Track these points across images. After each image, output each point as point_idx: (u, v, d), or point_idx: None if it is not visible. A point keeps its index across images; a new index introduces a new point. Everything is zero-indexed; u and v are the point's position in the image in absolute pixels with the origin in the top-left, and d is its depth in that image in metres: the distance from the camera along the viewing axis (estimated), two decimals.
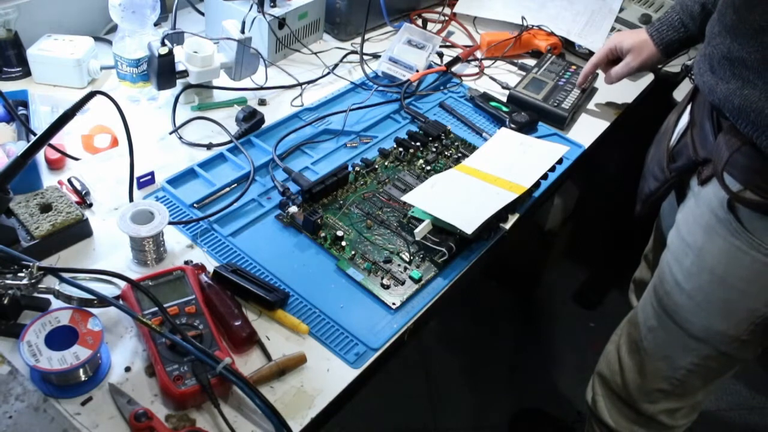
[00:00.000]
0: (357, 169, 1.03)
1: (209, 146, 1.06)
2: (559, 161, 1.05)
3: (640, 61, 1.18)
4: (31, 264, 0.74)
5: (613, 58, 1.23)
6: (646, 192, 1.09)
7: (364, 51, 1.32)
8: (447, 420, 1.67)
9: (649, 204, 1.09)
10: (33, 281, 0.73)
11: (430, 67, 1.29)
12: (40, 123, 0.97)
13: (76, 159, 0.99)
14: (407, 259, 0.91)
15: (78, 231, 0.87)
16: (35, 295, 0.75)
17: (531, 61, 1.38)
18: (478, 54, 1.40)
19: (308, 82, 1.24)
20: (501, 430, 1.66)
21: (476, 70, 1.35)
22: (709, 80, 0.88)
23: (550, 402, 1.67)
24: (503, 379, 1.77)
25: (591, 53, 1.40)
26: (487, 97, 1.23)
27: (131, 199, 0.93)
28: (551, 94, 1.24)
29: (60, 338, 0.70)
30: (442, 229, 0.93)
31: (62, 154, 0.97)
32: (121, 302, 0.74)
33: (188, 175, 1.01)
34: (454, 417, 1.67)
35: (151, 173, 0.98)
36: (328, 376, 0.76)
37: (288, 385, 0.74)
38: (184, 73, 1.11)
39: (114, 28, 1.23)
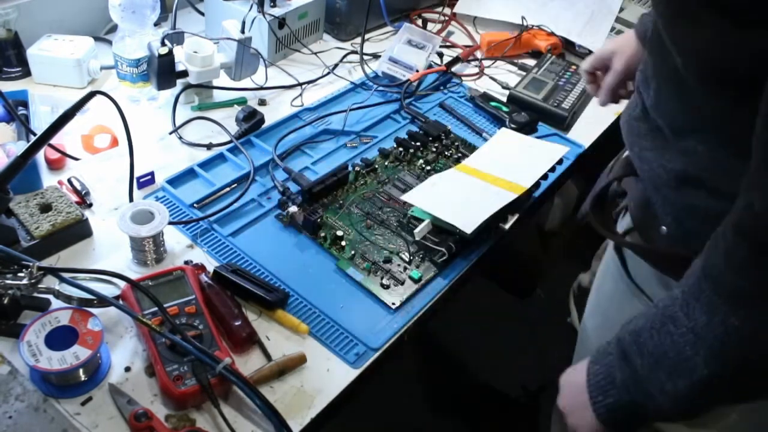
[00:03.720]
0: (357, 169, 1.03)
1: (209, 146, 1.06)
2: (559, 161, 1.05)
3: (625, 60, 0.99)
4: (31, 264, 0.74)
5: (603, 72, 1.05)
6: (593, 191, 0.98)
7: (364, 51, 1.32)
8: (447, 420, 1.67)
9: (593, 203, 0.94)
10: (33, 281, 0.73)
11: (430, 67, 1.29)
12: (40, 123, 0.97)
13: (76, 159, 0.99)
14: (407, 259, 0.90)
15: (78, 231, 0.87)
16: (35, 295, 0.75)
17: (531, 61, 1.38)
18: (478, 54, 1.40)
19: (308, 82, 1.24)
20: (500, 428, 1.66)
21: (476, 70, 1.35)
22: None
23: (550, 401, 1.67)
24: (503, 379, 1.77)
25: (591, 53, 1.40)
26: (487, 97, 1.23)
27: (131, 199, 0.93)
28: (551, 94, 1.24)
29: (60, 338, 0.70)
30: (442, 229, 0.93)
31: (62, 154, 0.97)
32: (121, 302, 0.74)
33: (188, 175, 1.01)
34: (453, 417, 1.67)
35: (151, 173, 0.98)
36: (328, 376, 0.76)
37: (288, 385, 0.74)
38: (184, 73, 1.11)
39: (114, 28, 1.23)
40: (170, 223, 0.87)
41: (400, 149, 1.09)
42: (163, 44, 1.05)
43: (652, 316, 0.62)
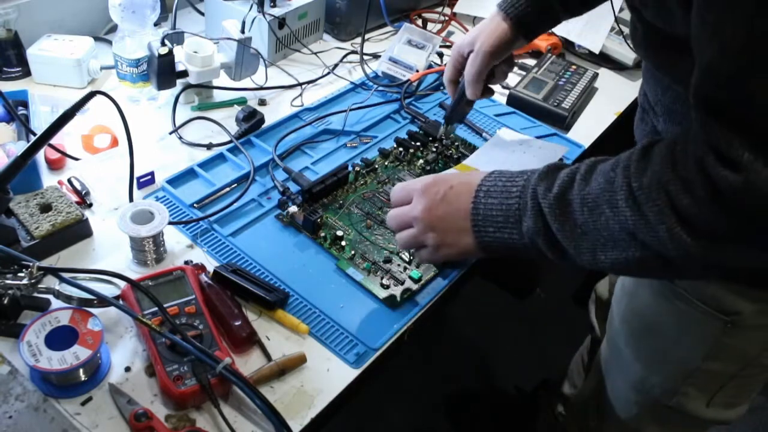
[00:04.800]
0: (357, 169, 1.03)
1: (209, 146, 1.06)
2: (559, 161, 1.05)
3: (491, 41, 0.92)
4: (31, 264, 0.74)
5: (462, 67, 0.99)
6: None
7: (364, 51, 1.32)
8: (447, 420, 1.67)
9: None
10: (33, 281, 0.73)
11: (430, 67, 1.29)
12: (40, 123, 0.97)
13: (76, 159, 0.99)
14: (407, 259, 0.90)
15: (78, 231, 0.87)
16: (35, 295, 0.75)
17: (531, 61, 1.38)
18: None
19: (308, 82, 1.24)
20: (500, 428, 1.66)
21: None
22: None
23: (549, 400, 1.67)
24: (502, 379, 1.77)
25: (591, 53, 1.41)
26: None
27: (131, 199, 0.93)
28: (551, 94, 1.24)
29: (60, 338, 0.70)
30: None
31: (62, 154, 0.97)
32: (121, 302, 0.74)
33: (188, 175, 1.01)
34: (453, 417, 1.67)
35: (151, 173, 0.97)
36: (328, 376, 0.76)
37: (288, 385, 0.74)
38: (184, 73, 1.11)
39: (114, 28, 1.23)
40: (170, 223, 0.87)
41: (400, 149, 1.09)
42: (163, 44, 1.05)
43: (585, 190, 0.63)
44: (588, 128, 1.23)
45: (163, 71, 1.06)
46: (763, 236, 0.55)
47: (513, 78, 1.33)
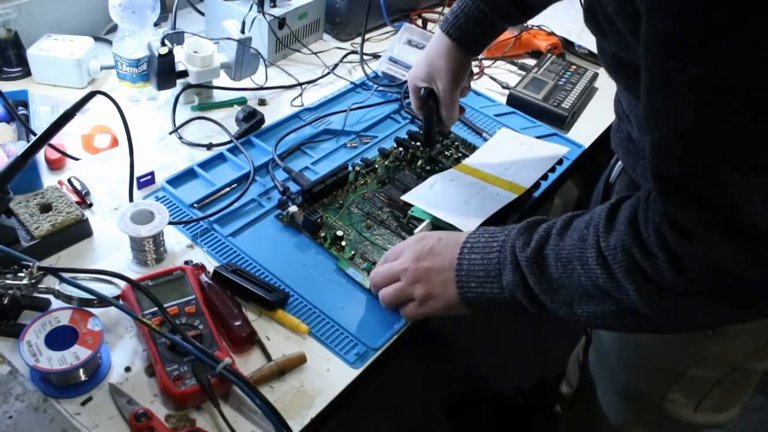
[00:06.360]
0: (357, 168, 1.03)
1: (209, 146, 1.06)
2: (559, 161, 1.05)
3: (449, 79, 0.95)
4: (31, 264, 0.74)
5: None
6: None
7: (364, 51, 1.32)
8: (447, 420, 1.67)
9: None
10: (33, 281, 0.73)
11: None
12: (40, 123, 0.97)
13: (76, 159, 0.99)
14: None
15: (78, 231, 0.87)
16: (35, 295, 0.75)
17: (531, 61, 1.39)
18: None
19: (308, 82, 1.24)
20: (499, 427, 1.66)
21: (476, 69, 1.35)
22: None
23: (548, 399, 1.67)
24: (502, 379, 1.77)
25: (591, 53, 1.41)
26: None
27: (131, 199, 0.93)
28: (551, 94, 1.24)
29: (60, 338, 0.70)
30: (442, 230, 0.92)
31: (62, 154, 0.97)
32: (121, 302, 0.74)
33: (188, 175, 1.01)
34: (453, 417, 1.67)
35: (151, 173, 0.98)
36: (328, 376, 0.76)
37: (288, 385, 0.74)
38: (184, 73, 1.11)
39: (114, 28, 1.23)
40: (170, 223, 0.87)
41: (400, 149, 1.09)
42: (163, 44, 1.05)
43: (559, 246, 0.66)
44: (588, 128, 1.23)
45: (163, 71, 1.06)
46: (727, 294, 0.56)
47: (513, 78, 1.33)
